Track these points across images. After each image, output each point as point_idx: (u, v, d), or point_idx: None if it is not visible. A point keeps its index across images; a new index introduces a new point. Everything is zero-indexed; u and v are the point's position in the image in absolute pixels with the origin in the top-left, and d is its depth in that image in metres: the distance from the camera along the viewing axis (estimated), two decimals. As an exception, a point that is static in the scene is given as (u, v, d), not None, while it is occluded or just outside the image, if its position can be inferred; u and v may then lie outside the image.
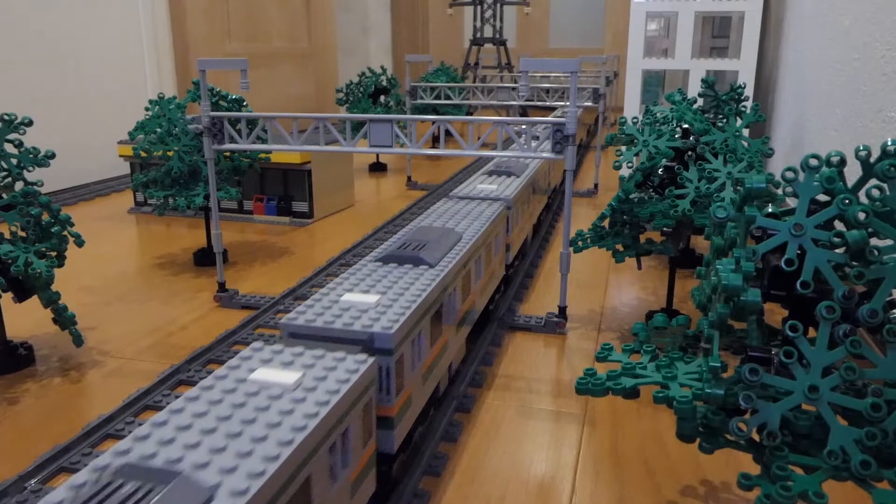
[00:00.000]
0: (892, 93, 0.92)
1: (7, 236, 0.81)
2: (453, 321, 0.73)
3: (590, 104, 1.97)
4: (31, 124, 0.82)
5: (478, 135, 0.96)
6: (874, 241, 0.46)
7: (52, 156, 0.84)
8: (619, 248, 0.93)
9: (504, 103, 2.02)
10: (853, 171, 0.46)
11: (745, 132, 1.24)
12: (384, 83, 2.17)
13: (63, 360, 0.88)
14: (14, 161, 0.82)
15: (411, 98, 1.92)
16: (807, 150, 1.26)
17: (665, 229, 0.89)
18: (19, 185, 0.83)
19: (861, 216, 0.45)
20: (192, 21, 2.35)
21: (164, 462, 0.37)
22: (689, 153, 0.89)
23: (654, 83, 1.93)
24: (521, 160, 1.30)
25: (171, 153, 1.16)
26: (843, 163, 0.48)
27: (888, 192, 0.46)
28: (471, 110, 2.54)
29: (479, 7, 3.45)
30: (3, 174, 0.82)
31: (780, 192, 0.53)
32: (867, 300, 0.45)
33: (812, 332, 0.47)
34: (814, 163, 0.48)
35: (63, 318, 0.85)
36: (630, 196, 0.89)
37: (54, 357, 0.89)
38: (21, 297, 0.82)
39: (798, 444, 0.46)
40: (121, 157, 1.68)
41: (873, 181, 0.47)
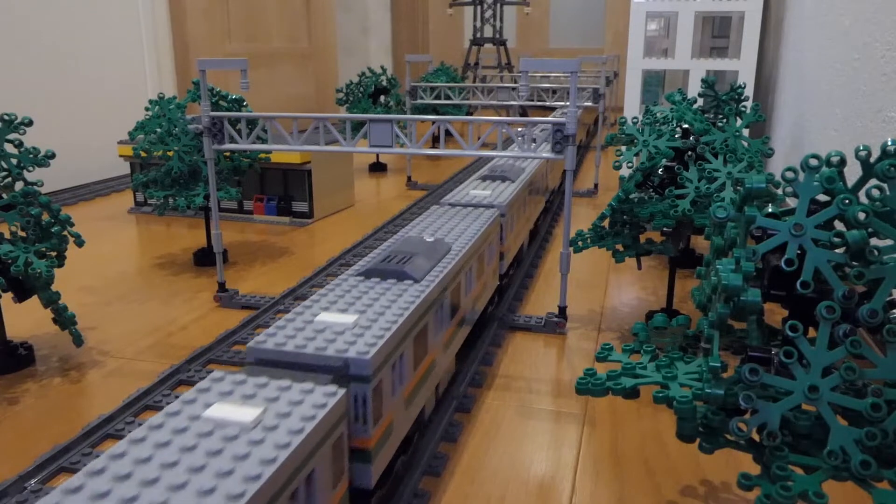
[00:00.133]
0: (892, 93, 0.92)
1: (7, 236, 0.81)
2: (441, 339, 0.69)
3: (590, 104, 1.97)
4: (31, 124, 0.82)
5: (478, 135, 0.96)
6: (874, 241, 0.46)
7: (52, 156, 0.84)
8: (619, 248, 0.93)
9: (504, 103, 2.02)
10: (853, 171, 0.46)
11: (745, 132, 1.24)
12: (384, 83, 2.17)
13: (63, 360, 0.88)
14: (14, 161, 0.82)
15: (411, 98, 1.92)
16: (807, 150, 1.26)
17: (665, 229, 0.89)
18: (19, 185, 0.83)
19: (861, 216, 0.45)
20: (192, 21, 2.35)
21: None
22: (689, 153, 0.89)
23: (654, 83, 1.93)
24: (518, 164, 1.29)
25: (171, 153, 1.16)
26: (843, 163, 0.48)
27: (888, 192, 0.46)
28: (471, 110, 2.54)
29: (479, 7, 3.45)
30: (3, 174, 0.82)
31: (780, 192, 0.53)
32: (867, 300, 0.45)
33: (812, 332, 0.47)
34: (814, 163, 0.48)
35: (63, 318, 0.85)
36: (630, 196, 0.89)
37: (54, 357, 0.89)
38: (21, 297, 0.82)
39: (798, 444, 0.46)
40: (121, 157, 1.68)
41: (873, 181, 0.47)
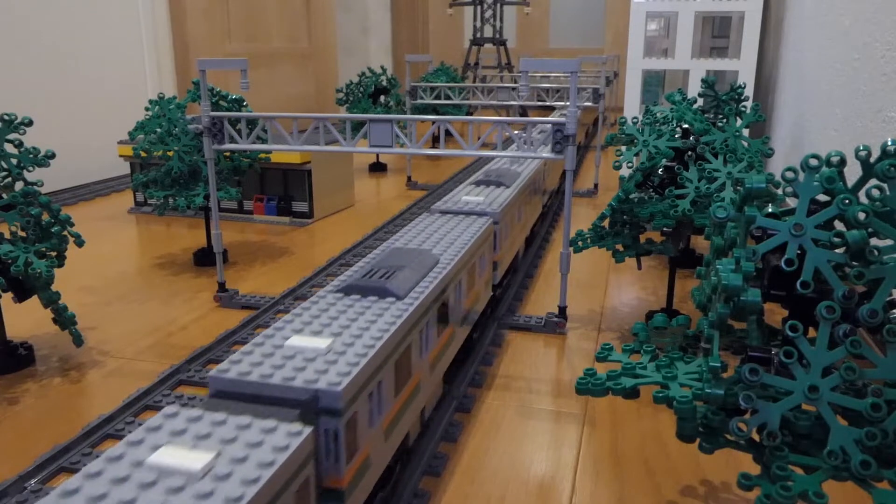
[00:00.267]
0: (892, 93, 0.92)
1: (7, 236, 0.81)
2: (426, 360, 0.64)
3: (590, 104, 1.97)
4: (31, 124, 0.82)
5: (478, 135, 0.96)
6: (874, 241, 0.46)
7: (52, 156, 0.84)
8: (619, 248, 0.93)
9: (504, 103, 2.02)
10: (853, 171, 0.46)
11: (745, 132, 1.24)
12: (384, 83, 2.17)
13: (63, 360, 0.88)
14: (14, 161, 0.82)
15: (411, 98, 1.92)
16: (807, 150, 1.26)
17: (665, 229, 0.89)
18: (19, 185, 0.83)
19: (861, 216, 0.45)
20: (192, 21, 2.35)
21: None
22: (689, 153, 0.89)
23: (654, 83, 1.93)
24: (514, 168, 1.25)
25: (171, 153, 1.16)
26: (843, 163, 0.48)
27: (888, 192, 0.46)
28: (471, 110, 2.54)
29: (479, 7, 3.45)
30: (3, 174, 0.82)
31: (780, 192, 0.53)
32: (867, 300, 0.45)
33: (812, 332, 0.47)
34: (814, 163, 0.48)
35: (63, 318, 0.85)
36: (630, 196, 0.89)
37: (54, 357, 0.89)
38: (21, 297, 0.82)
39: (798, 444, 0.46)
40: (121, 157, 1.68)
41: (873, 181, 0.47)
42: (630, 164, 0.91)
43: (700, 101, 0.99)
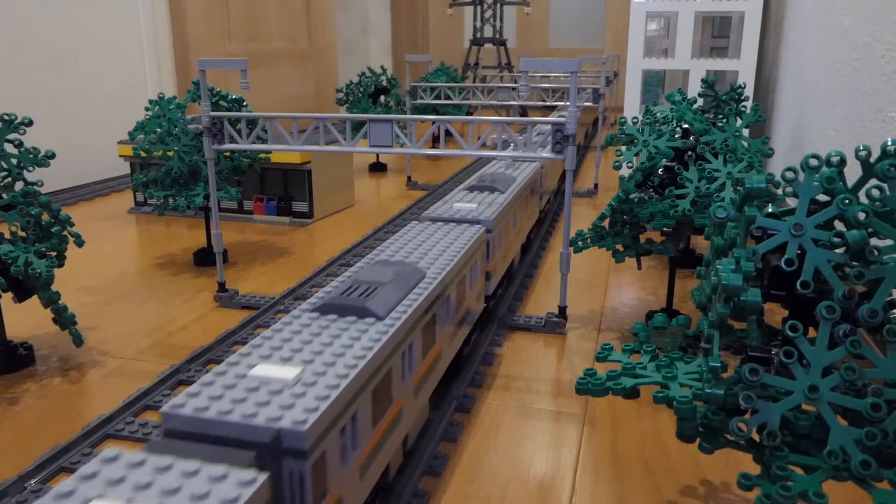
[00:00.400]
0: (892, 93, 0.92)
1: (7, 236, 0.81)
2: (410, 384, 0.59)
3: (590, 104, 1.97)
4: (31, 124, 0.82)
5: (478, 135, 0.96)
6: (874, 241, 0.46)
7: (52, 156, 0.84)
8: (619, 248, 0.93)
9: (504, 103, 2.02)
10: (853, 171, 0.46)
11: (745, 132, 1.24)
12: (384, 83, 2.17)
13: (63, 360, 0.88)
14: (14, 161, 0.82)
15: (411, 98, 1.92)
16: (807, 150, 1.26)
17: (665, 229, 0.89)
18: (19, 185, 0.83)
19: (861, 216, 0.45)
20: (192, 21, 2.35)
21: None
22: (689, 153, 0.89)
23: (654, 83, 1.93)
24: (509, 172, 1.21)
25: (171, 153, 1.16)
26: (843, 163, 0.48)
27: (888, 192, 0.46)
28: (471, 110, 2.54)
29: (479, 7, 3.45)
30: (3, 174, 0.82)
31: (780, 192, 0.53)
32: (867, 300, 0.45)
33: (812, 332, 0.47)
34: (814, 163, 0.48)
35: (63, 318, 0.85)
36: (630, 196, 0.89)
37: (54, 357, 0.89)
38: (21, 297, 0.82)
39: (798, 444, 0.46)
40: (121, 157, 1.68)
41: (873, 181, 0.47)
42: (630, 164, 0.91)
43: (700, 101, 0.99)
